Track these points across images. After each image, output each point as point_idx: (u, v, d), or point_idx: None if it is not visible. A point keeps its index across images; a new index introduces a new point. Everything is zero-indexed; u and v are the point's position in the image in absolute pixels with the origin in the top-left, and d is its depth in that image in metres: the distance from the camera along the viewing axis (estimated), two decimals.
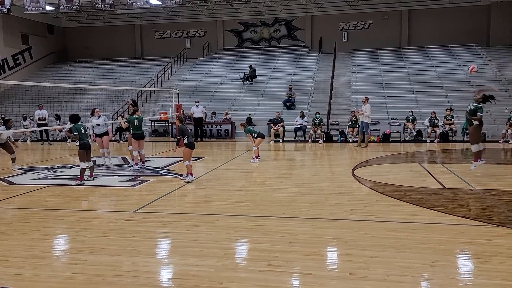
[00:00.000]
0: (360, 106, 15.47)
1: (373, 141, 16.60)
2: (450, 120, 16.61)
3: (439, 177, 8.80)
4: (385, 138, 16.52)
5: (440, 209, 6.23)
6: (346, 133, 17.06)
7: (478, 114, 8.48)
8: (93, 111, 11.45)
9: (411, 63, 23.87)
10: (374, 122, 17.61)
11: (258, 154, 11.40)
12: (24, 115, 19.81)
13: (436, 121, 16.40)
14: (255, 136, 11.32)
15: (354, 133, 16.73)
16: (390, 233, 5.18)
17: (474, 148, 8.66)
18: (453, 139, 16.36)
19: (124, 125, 10.67)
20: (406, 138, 16.96)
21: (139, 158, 10.47)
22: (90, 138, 10.58)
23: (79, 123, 8.81)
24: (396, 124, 17.54)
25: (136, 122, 10.33)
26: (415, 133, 16.78)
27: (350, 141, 16.68)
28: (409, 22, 26.60)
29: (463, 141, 16.01)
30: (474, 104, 8.59)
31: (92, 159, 9.05)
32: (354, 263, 4.23)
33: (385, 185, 8.26)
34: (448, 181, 8.34)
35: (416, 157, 12.69)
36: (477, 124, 8.58)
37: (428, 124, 16.51)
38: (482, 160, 8.73)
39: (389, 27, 26.70)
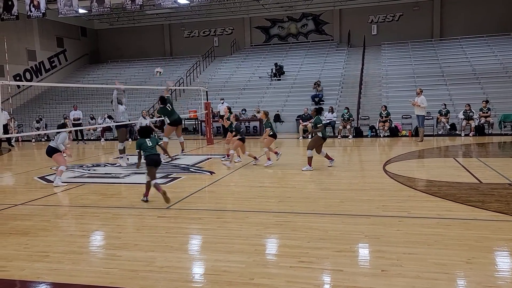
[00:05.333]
0: (413, 98, 14.66)
1: (405, 136, 16.26)
2: (486, 112, 16.03)
3: (475, 171, 8.52)
4: (417, 133, 16.12)
5: (477, 205, 6.03)
6: (377, 128, 16.78)
7: (318, 125, 9.38)
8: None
9: (444, 54, 23.15)
10: (406, 116, 17.26)
11: (276, 152, 10.46)
12: (65, 115, 20.50)
13: (471, 114, 15.86)
14: (270, 133, 10.28)
15: (386, 128, 16.44)
16: (424, 229, 5.06)
17: (309, 153, 9.43)
18: (489, 132, 15.79)
19: (226, 123, 11.01)
20: (439, 132, 16.51)
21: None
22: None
23: None
24: (429, 117, 17.06)
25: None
26: (448, 127, 16.30)
27: (381, 136, 16.40)
28: (441, 12, 25.78)
29: (500, 134, 15.45)
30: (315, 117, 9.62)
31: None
32: (386, 260, 4.16)
33: (418, 180, 8.08)
34: (484, 176, 8.06)
35: (450, 151, 12.33)
36: (319, 135, 9.43)
37: (462, 117, 16.00)
38: (310, 168, 9.36)
39: (420, 18, 25.97)
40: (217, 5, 26.38)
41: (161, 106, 11.43)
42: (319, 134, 9.46)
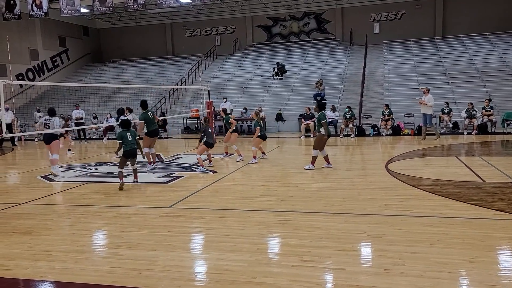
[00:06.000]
0: (420, 97, 14.68)
1: (408, 134, 16.22)
2: (489, 111, 15.99)
3: (478, 170, 8.50)
4: (420, 131, 16.09)
5: (479, 204, 6.02)
6: (379, 126, 16.75)
7: (322, 121, 9.14)
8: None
9: (446, 53, 23.08)
10: (408, 115, 17.22)
11: (263, 151, 11.07)
12: (62, 115, 20.57)
13: (473, 112, 15.82)
14: (259, 134, 10.51)
15: (388, 127, 16.41)
16: (426, 228, 5.05)
17: (314, 153, 9.25)
18: (492, 130, 15.74)
19: (233, 124, 11.34)
20: (442, 131, 16.46)
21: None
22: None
23: None
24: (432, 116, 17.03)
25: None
26: (451, 125, 16.26)
27: (383, 134, 16.37)
28: (443, 10, 25.70)
29: (503, 133, 15.40)
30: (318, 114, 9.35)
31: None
32: (389, 259, 4.16)
33: (420, 179, 8.06)
34: (487, 175, 8.05)
35: (452, 150, 12.30)
36: (322, 133, 9.16)
37: (465, 115, 15.96)
38: (313, 167, 9.25)
39: (422, 16, 25.90)
40: (219, 4, 26.36)
41: (143, 111, 10.17)
42: (322, 132, 9.18)
